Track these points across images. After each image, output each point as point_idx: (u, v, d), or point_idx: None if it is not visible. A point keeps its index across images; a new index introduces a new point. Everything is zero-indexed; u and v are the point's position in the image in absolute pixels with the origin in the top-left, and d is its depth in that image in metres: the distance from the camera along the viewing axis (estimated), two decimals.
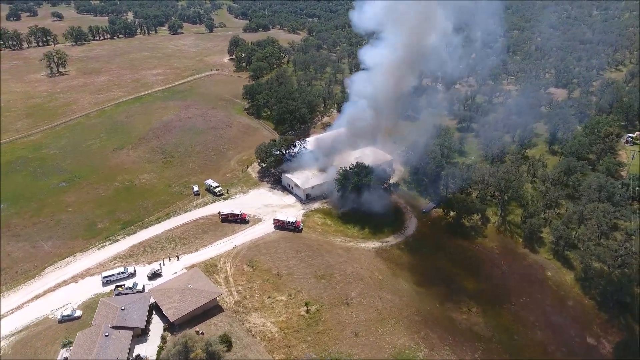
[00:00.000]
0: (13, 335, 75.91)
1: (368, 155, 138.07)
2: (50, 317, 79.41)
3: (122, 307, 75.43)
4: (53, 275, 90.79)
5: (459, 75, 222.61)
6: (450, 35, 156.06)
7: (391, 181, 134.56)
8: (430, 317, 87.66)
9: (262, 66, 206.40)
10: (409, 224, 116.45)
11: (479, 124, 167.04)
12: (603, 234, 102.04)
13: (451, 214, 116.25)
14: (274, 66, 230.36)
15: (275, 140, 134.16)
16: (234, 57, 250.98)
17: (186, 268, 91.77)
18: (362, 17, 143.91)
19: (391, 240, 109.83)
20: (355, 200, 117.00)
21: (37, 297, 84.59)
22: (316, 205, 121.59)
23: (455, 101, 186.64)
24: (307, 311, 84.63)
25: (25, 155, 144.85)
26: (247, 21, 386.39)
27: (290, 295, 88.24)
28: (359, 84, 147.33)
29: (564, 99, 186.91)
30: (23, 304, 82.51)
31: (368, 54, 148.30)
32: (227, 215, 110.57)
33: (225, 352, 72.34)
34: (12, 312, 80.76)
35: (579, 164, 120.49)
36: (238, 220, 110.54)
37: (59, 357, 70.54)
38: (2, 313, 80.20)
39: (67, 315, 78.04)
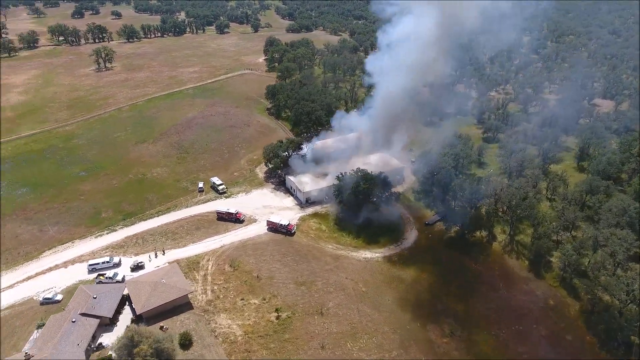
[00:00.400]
0: None
1: (377, 161, 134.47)
2: (34, 298, 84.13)
3: (95, 296, 78.23)
4: (49, 259, 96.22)
5: (496, 81, 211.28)
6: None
7: (400, 190, 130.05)
8: (408, 337, 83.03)
9: (290, 66, 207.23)
10: (408, 236, 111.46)
11: (506, 134, 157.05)
12: (619, 264, 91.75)
13: (453, 229, 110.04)
14: (305, 67, 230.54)
15: (282, 141, 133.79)
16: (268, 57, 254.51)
17: (169, 263, 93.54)
18: None
19: (385, 251, 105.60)
20: (354, 207, 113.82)
21: (29, 278, 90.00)
22: (315, 209, 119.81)
23: (485, 109, 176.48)
24: (278, 317, 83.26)
25: (56, 144, 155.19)
26: (293, 22, 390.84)
27: (265, 300, 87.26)
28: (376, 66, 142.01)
29: (608, 111, 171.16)
30: (15, 284, 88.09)
31: (391, 32, 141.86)
32: (223, 213, 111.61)
33: (185, 351, 73.16)
34: (4, 291, 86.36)
35: (603, 184, 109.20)
36: (233, 219, 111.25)
37: (31, 337, 74.30)
38: None
39: (48, 299, 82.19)
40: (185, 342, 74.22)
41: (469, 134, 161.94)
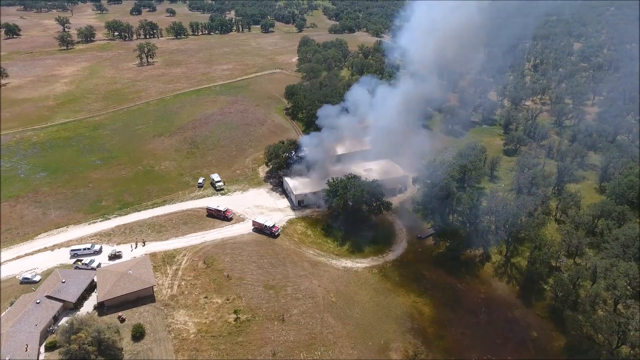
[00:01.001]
0: None
1: (380, 167, 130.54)
2: (16, 277, 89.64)
3: (64, 280, 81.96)
4: (42, 241, 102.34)
5: (533, 90, 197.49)
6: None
7: (401, 199, 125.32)
8: (366, 354, 79.25)
9: (315, 67, 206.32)
10: (396, 248, 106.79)
11: (529, 147, 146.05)
12: (618, 300, 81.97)
13: (444, 245, 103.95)
14: (335, 68, 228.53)
15: (283, 142, 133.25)
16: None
17: (147, 254, 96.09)
18: None
19: (367, 262, 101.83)
20: (342, 213, 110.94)
21: (18, 257, 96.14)
22: (306, 212, 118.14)
23: (513, 119, 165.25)
24: (236, 319, 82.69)
25: (83, 133, 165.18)
26: (337, 23, 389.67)
27: (228, 300, 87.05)
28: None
29: None
30: (4, 262, 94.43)
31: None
32: (212, 210, 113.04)
33: (135, 342, 74.70)
34: None
35: (618, 209, 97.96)
36: (221, 216, 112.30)
37: (2, 314, 79.17)
38: None
39: (27, 279, 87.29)
40: (137, 334, 75.66)
41: (490, 145, 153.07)
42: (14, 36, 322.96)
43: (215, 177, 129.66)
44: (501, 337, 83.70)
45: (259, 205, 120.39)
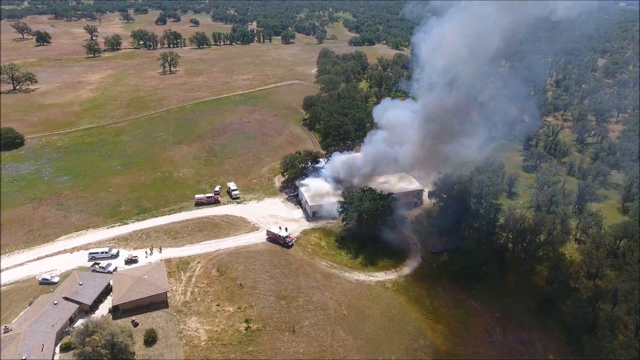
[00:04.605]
0: (4, 285, 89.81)
1: (396, 181, 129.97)
2: (36, 277, 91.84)
3: (81, 282, 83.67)
4: (62, 243, 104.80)
5: (555, 106, 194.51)
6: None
7: (416, 213, 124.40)
8: None
9: (334, 79, 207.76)
10: (410, 263, 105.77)
11: (549, 164, 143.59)
12: None
13: (459, 261, 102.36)
14: (354, 80, 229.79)
15: (299, 152, 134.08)
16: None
17: (162, 260, 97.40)
18: None
19: (380, 276, 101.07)
20: (356, 226, 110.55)
21: (39, 258, 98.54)
22: (320, 224, 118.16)
23: (533, 135, 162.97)
24: (247, 328, 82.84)
25: (106, 139, 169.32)
26: (358, 35, 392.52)
27: (240, 309, 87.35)
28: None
29: None
30: (25, 262, 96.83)
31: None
32: (202, 199, 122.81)
33: (148, 347, 75.52)
34: (15, 267, 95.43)
35: None
36: (212, 201, 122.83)
37: (21, 313, 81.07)
38: (8, 266, 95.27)
39: (46, 279, 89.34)
40: (149, 339, 76.47)
41: (509, 161, 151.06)
42: (44, 43, 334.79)
43: (232, 185, 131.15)
44: (516, 359, 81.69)
45: (274, 215, 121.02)
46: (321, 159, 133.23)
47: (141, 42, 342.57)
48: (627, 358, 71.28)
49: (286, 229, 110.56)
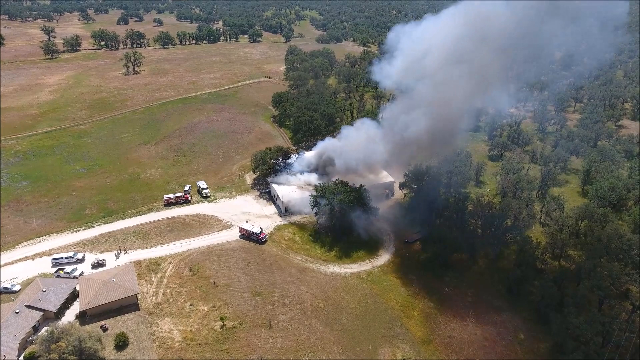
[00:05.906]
0: None
1: (367, 173, 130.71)
2: None
3: (44, 289, 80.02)
4: (23, 250, 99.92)
5: (517, 98, 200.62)
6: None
7: (389, 204, 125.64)
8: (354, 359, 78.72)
9: (302, 75, 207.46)
10: (384, 254, 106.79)
11: (513, 152, 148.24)
12: (604, 300, 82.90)
13: (431, 249, 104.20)
14: (322, 76, 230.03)
15: (270, 149, 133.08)
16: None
17: (131, 262, 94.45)
18: None
19: (355, 267, 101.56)
20: (329, 219, 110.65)
21: None
22: (294, 219, 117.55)
23: (497, 125, 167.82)
24: (222, 326, 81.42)
25: (67, 141, 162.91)
26: (325, 32, 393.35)
27: (214, 307, 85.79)
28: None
29: (633, 133, 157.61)
30: None
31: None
32: (172, 199, 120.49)
33: (119, 352, 73.05)
34: None
35: (600, 211, 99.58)
36: (182, 201, 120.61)
37: None
38: None
39: (7, 288, 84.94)
40: (120, 343, 73.99)
41: (475, 151, 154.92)
42: None
43: (202, 184, 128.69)
44: (489, 340, 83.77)
45: (246, 212, 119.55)
46: (292, 155, 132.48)
47: (102, 43, 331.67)
48: (592, 332, 74.33)
49: (260, 227, 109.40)
